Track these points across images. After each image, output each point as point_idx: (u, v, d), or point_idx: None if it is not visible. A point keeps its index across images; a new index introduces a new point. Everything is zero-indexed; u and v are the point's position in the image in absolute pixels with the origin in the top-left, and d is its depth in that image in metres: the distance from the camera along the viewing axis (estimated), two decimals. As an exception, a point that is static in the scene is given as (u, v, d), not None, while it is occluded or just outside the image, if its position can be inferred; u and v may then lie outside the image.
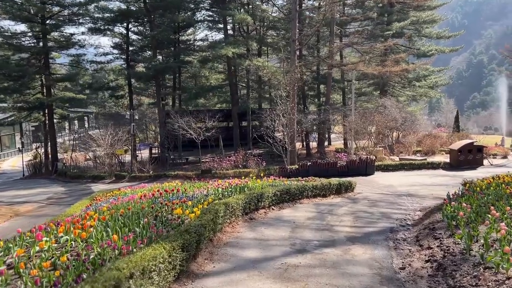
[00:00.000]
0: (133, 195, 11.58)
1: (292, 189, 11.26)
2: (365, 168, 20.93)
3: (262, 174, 21.69)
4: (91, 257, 5.27)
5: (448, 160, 23.43)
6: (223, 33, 37.42)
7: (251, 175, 22.01)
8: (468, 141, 22.66)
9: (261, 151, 35.09)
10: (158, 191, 12.22)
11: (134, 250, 5.91)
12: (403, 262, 6.09)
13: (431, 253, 6.10)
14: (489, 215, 6.83)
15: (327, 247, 6.86)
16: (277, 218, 9.35)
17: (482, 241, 5.69)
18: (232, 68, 39.04)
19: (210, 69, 46.77)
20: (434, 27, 38.31)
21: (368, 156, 22.27)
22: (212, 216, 6.80)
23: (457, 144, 22.50)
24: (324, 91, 38.17)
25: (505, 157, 25.22)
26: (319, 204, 11.63)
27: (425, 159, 23.95)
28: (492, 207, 7.11)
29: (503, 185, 10.32)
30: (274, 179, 16.28)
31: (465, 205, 7.67)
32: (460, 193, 10.16)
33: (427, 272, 5.47)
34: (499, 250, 4.93)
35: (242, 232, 7.91)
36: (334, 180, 13.86)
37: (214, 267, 5.93)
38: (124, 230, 6.89)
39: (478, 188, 9.78)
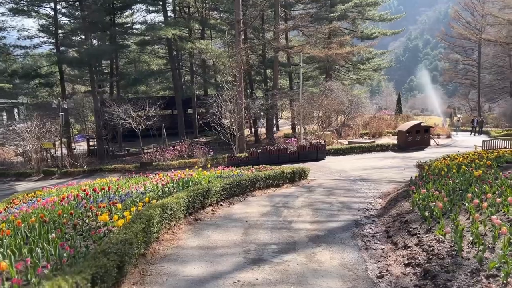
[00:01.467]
0: (51, 198, 9.66)
1: (243, 181, 10.00)
2: (316, 153, 20.24)
3: (209, 164, 20.23)
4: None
5: (395, 141, 23.52)
6: (163, 15, 34.86)
7: (197, 165, 20.48)
8: (415, 122, 22.79)
9: (208, 139, 33.56)
10: (84, 190, 10.41)
11: (33, 280, 4.35)
12: (379, 268, 5.07)
13: (410, 254, 5.13)
14: (467, 204, 6.03)
15: (288, 253, 5.68)
16: (227, 216, 8.05)
17: (470, 237, 4.80)
18: (174, 52, 36.72)
19: (151, 54, 43.92)
20: (376, 9, 38.59)
21: (319, 141, 21.62)
22: (143, 226, 5.32)
23: (405, 126, 22.54)
24: (271, 76, 37.19)
25: (449, 136, 25.90)
26: (273, 195, 10.49)
27: (374, 142, 23.86)
28: (469, 195, 6.32)
29: (463, 166, 9.83)
30: (223, 169, 14.93)
31: (436, 192, 6.87)
32: (422, 176, 9.50)
33: (412, 281, 4.46)
34: (502, 252, 4.01)
35: (185, 238, 6.51)
36: (287, 168, 12.81)
37: (145, 295, 4.51)
38: (25, 250, 5.22)
39: (442, 172, 9.12)
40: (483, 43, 49.41)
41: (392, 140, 25.65)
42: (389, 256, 5.41)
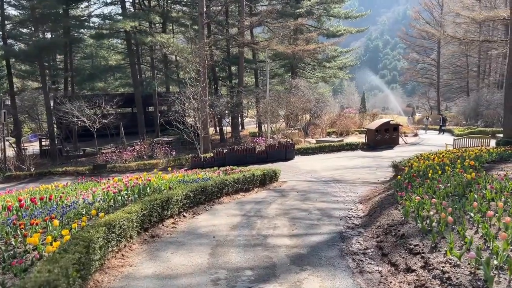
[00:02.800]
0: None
1: (209, 186, 8.79)
2: (285, 152, 19.33)
3: (171, 166, 18.82)
4: None
5: (363, 140, 23.11)
6: (121, 6, 32.72)
7: (158, 167, 19.00)
8: (384, 120, 22.45)
9: (171, 139, 31.93)
10: (21, 200, 8.82)
11: None
12: (383, 301, 4.07)
13: (417, 280, 4.17)
14: (472, 214, 5.19)
15: (268, 282, 4.57)
16: (190, 231, 6.83)
17: (494, 261, 3.89)
18: (134, 46, 34.67)
19: (109, 49, 41.45)
20: (342, 7, 38.44)
21: (287, 140, 20.75)
22: (78, 256, 4.01)
23: (374, 124, 22.13)
24: (236, 73, 36.03)
25: (415, 135, 25.87)
26: (243, 202, 9.36)
27: (342, 141, 23.34)
28: (475, 203, 5.48)
29: (447, 167, 9.16)
30: (186, 172, 13.65)
31: (434, 200, 6.01)
32: (405, 179, 8.71)
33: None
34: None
35: (138, 264, 5.24)
36: (257, 170, 11.72)
37: None
38: None
39: (430, 173, 8.34)
40: (444, 41, 50.71)
41: (360, 138, 25.29)
42: (390, 282, 4.43)
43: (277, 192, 10.97)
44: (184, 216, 7.72)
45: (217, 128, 37.77)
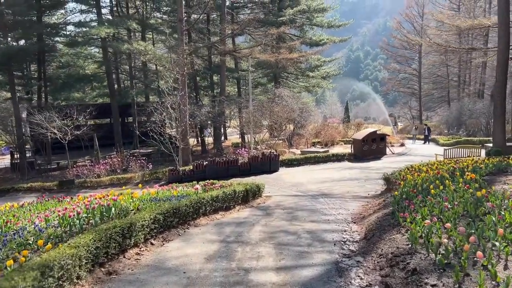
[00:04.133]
0: None
1: (183, 207, 7.68)
2: (269, 164, 18.32)
3: (147, 180, 17.57)
4: None
5: (349, 150, 22.37)
6: (96, 12, 31.42)
7: (133, 182, 17.73)
8: (370, 130, 21.73)
9: (150, 151, 30.57)
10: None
11: None
12: None
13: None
14: (497, 244, 4.26)
15: None
16: (157, 264, 5.70)
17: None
18: (111, 55, 33.34)
19: (86, 58, 39.88)
20: (324, 16, 38.09)
21: (271, 151, 19.78)
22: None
23: (360, 134, 21.38)
24: (218, 82, 35.06)
25: (402, 145, 25.28)
26: (223, 223, 8.27)
27: (328, 151, 22.52)
28: (500, 230, 4.56)
29: (447, 181, 8.32)
30: (161, 187, 12.45)
31: (449, 225, 5.07)
32: (402, 194, 7.81)
33: None
34: None
35: (84, 315, 4.10)
36: (239, 186, 10.65)
37: None
38: None
39: (432, 189, 7.43)
40: (427, 50, 51.17)
41: (346, 149, 24.55)
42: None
43: (261, 210, 9.92)
44: (151, 244, 6.59)
45: (199, 139, 36.58)
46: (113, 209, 8.22)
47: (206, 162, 17.69)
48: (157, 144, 19.98)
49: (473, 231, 4.85)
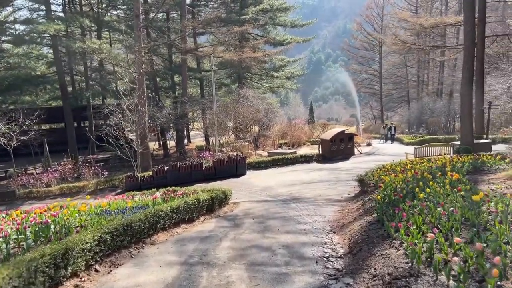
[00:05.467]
0: None
1: (136, 223, 6.48)
2: (235, 167, 17.29)
3: (101, 188, 16.02)
4: None
5: (316, 151, 21.76)
6: (45, 8, 29.11)
7: (86, 190, 16.12)
8: (339, 129, 21.20)
9: (107, 156, 28.69)
10: None
11: None
12: None
13: None
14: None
15: None
16: (100, 300, 4.52)
17: None
18: (63, 54, 31.05)
19: (38, 58, 37.08)
20: (287, 15, 37.62)
21: (238, 154, 18.76)
22: None
23: (328, 134, 20.78)
24: (180, 82, 33.61)
25: (369, 144, 25.03)
26: (185, 239, 7.13)
27: (295, 152, 21.81)
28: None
29: (431, 182, 7.66)
30: (116, 197, 11.08)
31: (458, 239, 4.25)
32: (383, 197, 7.04)
33: None
34: None
35: None
36: (204, 193, 9.54)
37: None
38: None
39: (419, 193, 6.67)
40: (386, 50, 52.16)
41: (313, 149, 23.98)
42: None
43: (229, 220, 8.86)
44: (96, 271, 5.37)
45: (160, 142, 34.89)
46: (52, 226, 6.92)
47: (168, 167, 16.37)
48: (114, 149, 18.43)
49: (484, 244, 4.07)
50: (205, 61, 36.18)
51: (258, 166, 18.81)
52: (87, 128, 27.16)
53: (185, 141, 35.94)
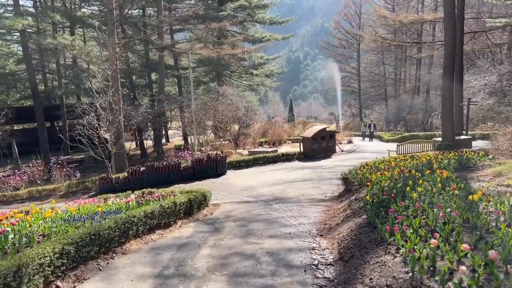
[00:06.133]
0: None
1: (105, 231, 5.85)
2: (215, 167, 16.70)
3: (73, 191, 15.15)
4: None
5: (297, 149, 21.42)
6: (13, 3, 27.64)
7: (57, 193, 15.20)
8: (320, 127, 20.90)
9: (82, 157, 27.58)
10: None
11: None
12: None
13: None
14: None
15: None
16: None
17: None
18: (34, 50, 29.64)
19: (7, 56, 35.33)
20: (266, 12, 37.17)
21: (217, 153, 18.17)
22: None
23: (310, 132, 20.43)
24: (157, 80, 32.66)
25: (350, 142, 24.88)
26: (160, 248, 6.54)
27: (276, 151, 21.41)
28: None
29: (421, 180, 7.32)
30: (88, 200, 10.34)
31: (466, 246, 3.85)
32: (372, 197, 6.65)
33: None
34: None
35: None
36: (182, 197, 8.94)
37: None
38: None
39: (412, 193, 6.29)
40: (364, 48, 52.44)
41: (294, 148, 23.64)
42: None
43: (209, 224, 8.31)
44: (57, 287, 4.74)
45: (137, 142, 33.86)
46: (10, 236, 6.21)
47: (144, 168, 15.63)
48: (87, 149, 17.53)
49: (492, 251, 3.68)
50: (183, 58, 35.34)
51: (239, 165, 18.28)
52: (59, 128, 25.92)
53: (163, 140, 35.04)
